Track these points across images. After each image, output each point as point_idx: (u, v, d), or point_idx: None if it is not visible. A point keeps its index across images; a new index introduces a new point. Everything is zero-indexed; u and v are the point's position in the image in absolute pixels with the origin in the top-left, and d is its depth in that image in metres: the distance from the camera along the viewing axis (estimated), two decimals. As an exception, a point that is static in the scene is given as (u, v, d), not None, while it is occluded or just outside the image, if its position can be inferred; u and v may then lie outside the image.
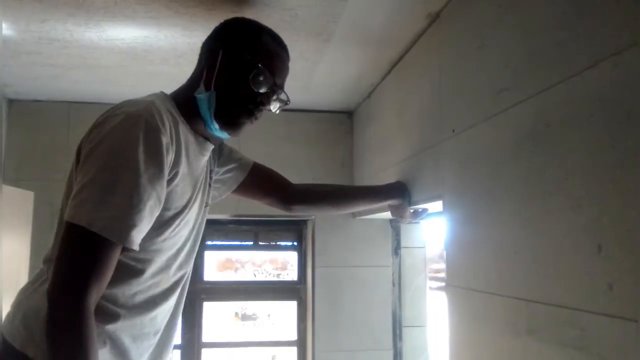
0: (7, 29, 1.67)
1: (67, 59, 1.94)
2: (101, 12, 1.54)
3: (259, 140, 2.49)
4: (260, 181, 1.43)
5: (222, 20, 1.17)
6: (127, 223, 0.88)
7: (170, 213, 1.03)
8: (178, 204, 1.05)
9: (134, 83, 2.24)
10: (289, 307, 2.83)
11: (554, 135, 0.93)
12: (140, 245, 0.95)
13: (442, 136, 1.45)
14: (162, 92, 1.13)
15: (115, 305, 1.00)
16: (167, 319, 1.15)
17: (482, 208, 1.20)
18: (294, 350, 2.80)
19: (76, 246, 0.87)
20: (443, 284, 1.43)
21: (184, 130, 1.06)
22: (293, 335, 2.80)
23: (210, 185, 1.26)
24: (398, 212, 1.69)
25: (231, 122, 1.10)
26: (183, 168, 1.04)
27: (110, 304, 0.99)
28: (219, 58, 1.06)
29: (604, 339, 0.79)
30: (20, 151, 2.49)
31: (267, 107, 1.13)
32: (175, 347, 3.56)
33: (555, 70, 0.93)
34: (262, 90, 1.08)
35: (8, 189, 1.95)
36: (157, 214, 0.97)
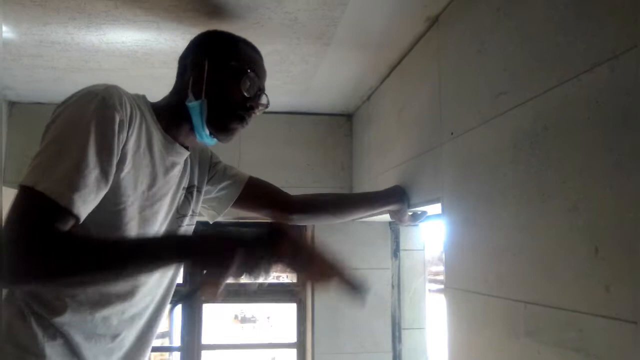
0: (8, 32, 1.68)
1: (68, 62, 1.95)
2: (102, 16, 1.55)
3: (259, 143, 2.50)
4: (257, 195, 1.43)
5: (222, 23, 1.18)
6: (71, 187, 0.87)
7: (121, 204, 1.01)
8: (129, 193, 1.02)
9: (134, 86, 2.23)
10: (289, 310, 2.83)
11: (552, 138, 0.94)
12: (93, 230, 0.95)
13: (441, 139, 1.45)
14: (143, 95, 1.16)
15: (61, 293, 1.00)
16: (131, 331, 1.12)
17: (481, 210, 1.21)
18: (293, 353, 2.80)
19: (22, 203, 0.86)
20: (442, 286, 1.43)
21: (149, 124, 1.08)
22: (293, 338, 2.80)
23: (187, 197, 1.25)
24: (397, 215, 1.70)
25: (224, 128, 1.15)
26: (137, 155, 1.03)
27: (55, 296, 1.00)
28: (206, 68, 1.10)
29: (602, 341, 0.79)
30: (22, 154, 2.50)
31: (256, 111, 1.17)
32: (175, 349, 3.57)
33: (553, 74, 0.93)
34: (251, 95, 1.14)
35: (9, 192, 1.96)
36: (103, 189, 0.94)
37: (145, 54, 1.86)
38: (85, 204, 0.90)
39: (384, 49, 1.83)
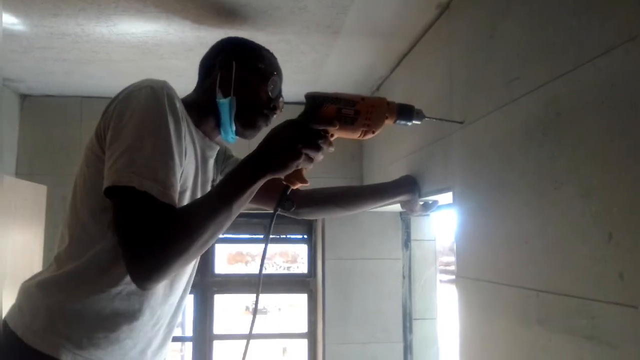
0: (19, 24, 1.69)
1: (78, 54, 1.96)
2: (112, 7, 1.55)
3: (269, 134, 2.49)
4: (263, 188, 1.44)
5: (230, 12, 1.18)
6: (167, 184, 0.92)
7: (182, 191, 1.06)
8: (187, 183, 1.09)
9: (144, 77, 2.25)
10: (300, 300, 2.84)
11: (565, 124, 0.92)
12: None
13: (451, 127, 1.44)
14: None
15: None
16: (166, 319, 1.15)
17: (492, 198, 1.20)
18: (304, 343, 2.81)
19: (132, 206, 0.90)
20: (453, 276, 1.43)
21: (187, 119, 1.11)
22: (304, 328, 2.81)
23: None
24: (408, 205, 1.69)
25: (251, 125, 1.21)
26: (188, 146, 1.07)
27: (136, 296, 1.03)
28: (234, 68, 1.16)
29: (614, 328, 0.78)
30: (34, 146, 2.53)
31: (278, 111, 1.24)
32: (187, 339, 3.59)
33: (566, 58, 0.92)
34: (274, 96, 1.21)
35: (22, 183, 1.98)
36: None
37: (155, 45, 1.86)
38: (176, 193, 0.96)
39: (394, 38, 1.81)
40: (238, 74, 1.16)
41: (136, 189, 0.88)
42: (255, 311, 1.08)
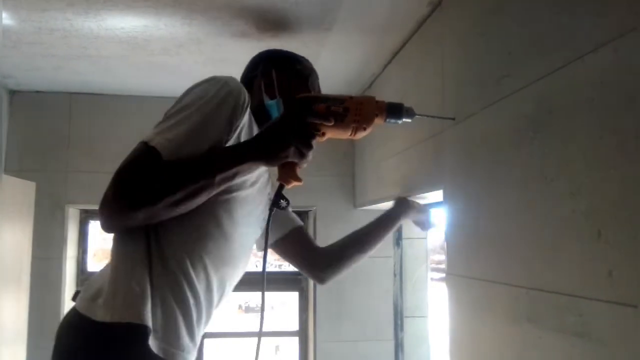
0: (7, 19, 1.67)
1: (67, 49, 1.94)
2: (101, 1, 1.53)
3: (261, 131, 2.48)
4: (291, 248, 1.47)
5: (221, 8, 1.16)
6: (179, 148, 0.95)
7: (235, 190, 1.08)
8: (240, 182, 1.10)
9: (135, 74, 2.23)
10: (291, 298, 2.83)
11: (555, 121, 0.92)
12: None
13: (443, 124, 1.44)
14: None
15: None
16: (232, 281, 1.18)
17: (483, 196, 1.20)
18: (295, 341, 2.81)
19: (134, 153, 0.95)
20: (444, 274, 1.43)
21: (252, 120, 1.15)
22: (295, 326, 2.81)
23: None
24: (420, 225, 1.70)
25: None
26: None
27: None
28: (274, 74, 1.27)
29: (603, 325, 0.78)
30: (22, 142, 2.50)
31: None
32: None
33: (556, 56, 0.92)
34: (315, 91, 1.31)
35: (10, 180, 1.96)
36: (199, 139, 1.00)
37: (145, 41, 1.84)
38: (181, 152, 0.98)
39: (386, 34, 1.81)
40: (279, 78, 1.27)
41: (148, 144, 0.94)
42: (262, 309, 1.09)
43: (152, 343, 0.97)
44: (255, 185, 1.15)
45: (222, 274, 1.11)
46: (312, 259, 1.49)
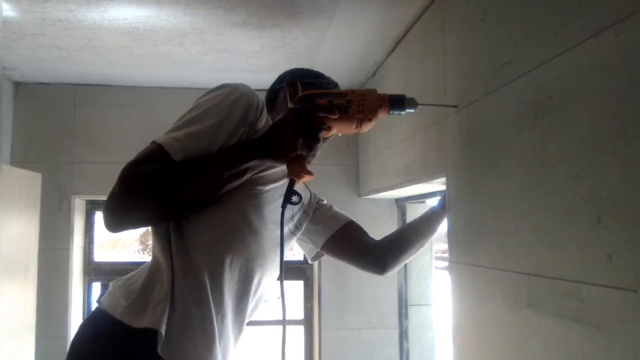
0: (10, 10, 1.68)
1: (71, 41, 1.95)
2: (102, -9, 1.54)
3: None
4: (339, 244, 1.46)
5: (220, 1, 1.16)
6: (186, 149, 0.97)
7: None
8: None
9: (138, 65, 2.24)
10: (296, 287, 2.85)
11: (556, 107, 0.92)
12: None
13: (445, 112, 1.43)
14: None
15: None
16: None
17: (485, 182, 1.20)
18: (301, 329, 2.83)
19: (143, 151, 0.97)
20: (448, 263, 1.43)
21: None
22: (300, 315, 2.82)
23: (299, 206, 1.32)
24: None
25: None
26: None
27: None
28: (299, 85, 1.28)
29: (603, 310, 0.78)
30: (28, 134, 2.51)
31: None
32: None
33: (557, 41, 0.91)
34: None
35: (16, 171, 1.97)
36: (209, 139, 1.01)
37: (148, 31, 1.85)
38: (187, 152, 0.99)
39: (388, 22, 1.80)
40: (304, 88, 1.27)
41: (156, 143, 0.96)
42: (282, 297, 1.12)
43: (163, 350, 0.99)
44: (279, 182, 1.16)
45: (251, 274, 1.14)
46: (366, 253, 1.48)
